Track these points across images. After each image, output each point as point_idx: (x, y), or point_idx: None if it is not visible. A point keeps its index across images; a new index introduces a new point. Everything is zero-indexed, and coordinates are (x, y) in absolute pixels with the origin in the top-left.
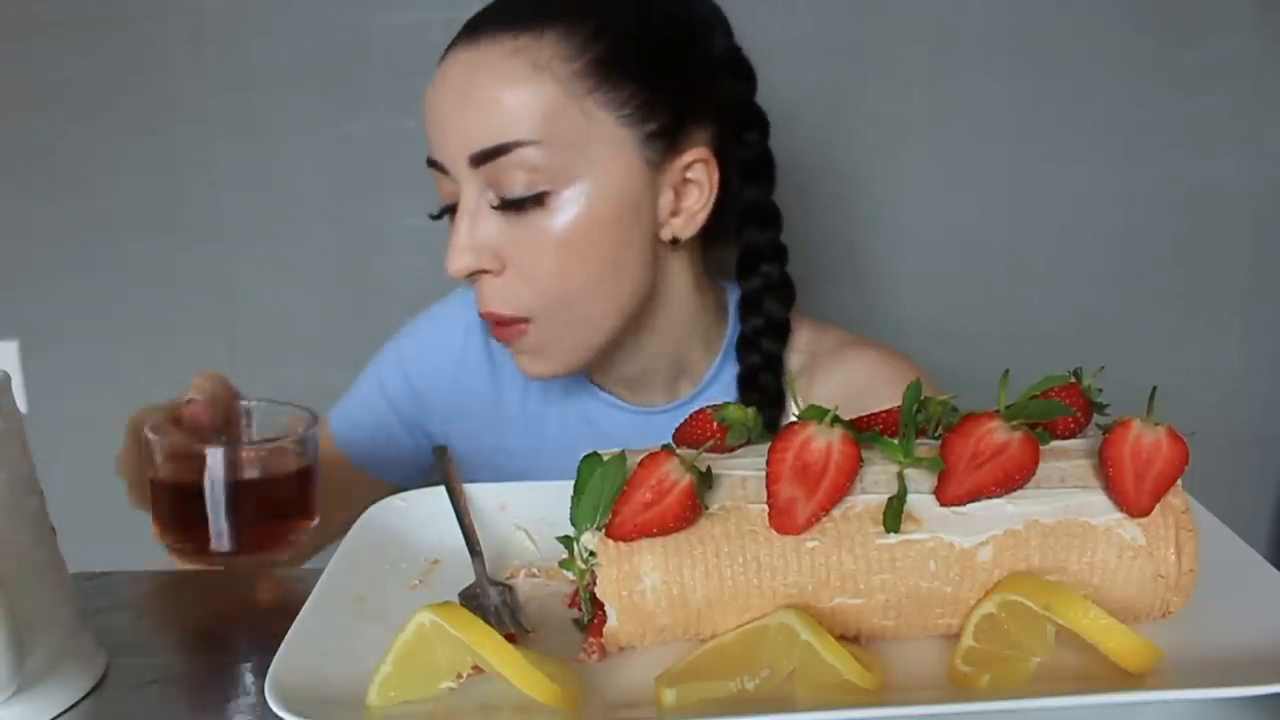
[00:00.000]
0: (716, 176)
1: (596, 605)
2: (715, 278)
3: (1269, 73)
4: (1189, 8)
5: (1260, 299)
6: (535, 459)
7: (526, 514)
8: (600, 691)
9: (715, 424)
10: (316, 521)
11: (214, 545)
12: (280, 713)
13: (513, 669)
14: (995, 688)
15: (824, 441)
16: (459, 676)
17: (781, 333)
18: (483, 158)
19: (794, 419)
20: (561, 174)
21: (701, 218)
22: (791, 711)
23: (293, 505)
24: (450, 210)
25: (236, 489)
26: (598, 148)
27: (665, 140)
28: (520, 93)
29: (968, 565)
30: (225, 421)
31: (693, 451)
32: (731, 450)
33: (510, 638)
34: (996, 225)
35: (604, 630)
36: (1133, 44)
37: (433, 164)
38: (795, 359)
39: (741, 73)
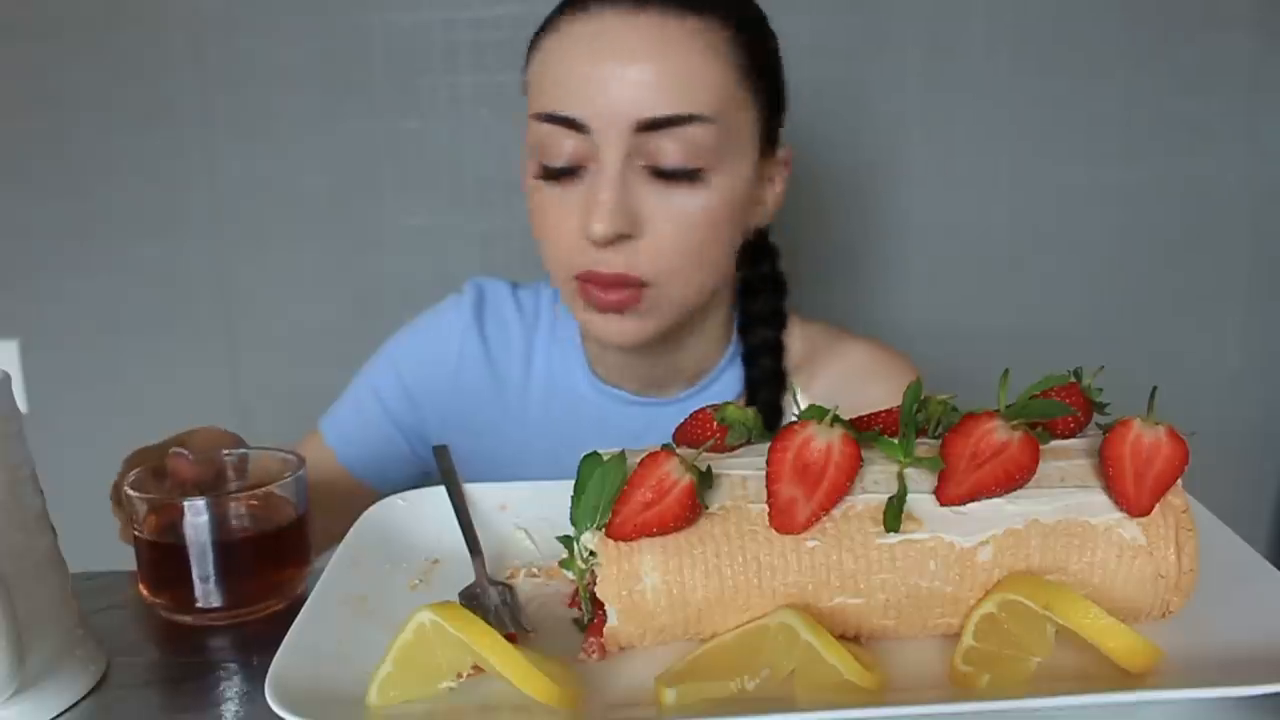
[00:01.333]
0: (788, 175)
1: (596, 605)
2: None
3: (1267, 71)
4: (1187, 6)
5: (1260, 298)
6: (539, 459)
7: (526, 514)
8: (600, 691)
9: (715, 424)
10: (310, 569)
11: (201, 602)
12: (280, 713)
13: (513, 669)
14: (995, 688)
15: (824, 441)
16: (459, 676)
17: (778, 321)
18: (653, 125)
19: (794, 419)
20: (719, 155)
21: (773, 213)
22: (791, 711)
23: (284, 553)
24: (566, 172)
25: (221, 540)
26: (745, 137)
27: (772, 136)
28: (704, 70)
29: (968, 565)
30: (215, 476)
31: (693, 451)
32: (731, 450)
33: (510, 638)
34: (996, 224)
35: (604, 630)
36: (1131, 42)
37: (559, 119)
38: (795, 352)
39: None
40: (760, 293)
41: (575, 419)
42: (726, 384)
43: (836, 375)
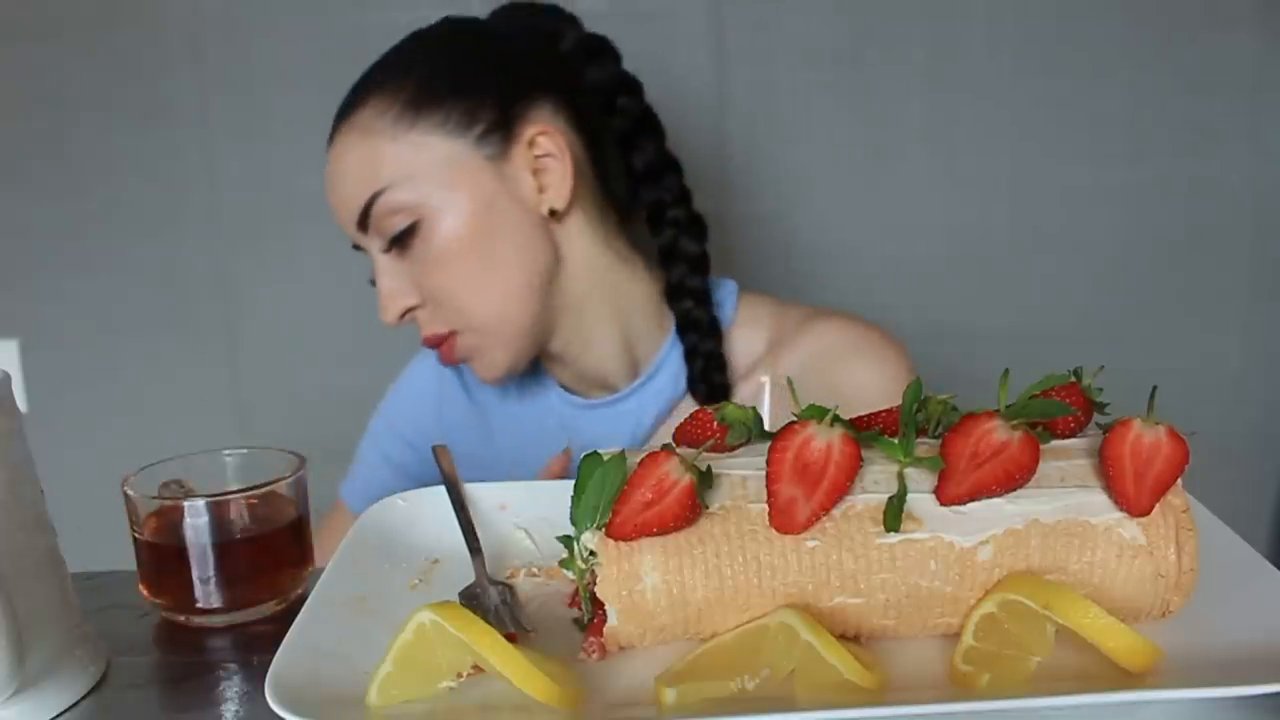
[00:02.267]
0: (565, 143)
1: (596, 605)
2: (650, 262)
3: (1270, 72)
4: (1190, 7)
5: (1261, 298)
6: (515, 470)
7: (526, 514)
8: (600, 691)
9: (715, 424)
10: (310, 569)
11: (202, 602)
12: (280, 713)
13: (513, 669)
14: (995, 687)
15: (824, 441)
16: (459, 676)
17: (702, 267)
18: (361, 218)
19: (794, 418)
20: (421, 202)
21: (569, 183)
22: (791, 711)
23: (284, 553)
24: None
25: (222, 541)
26: (439, 168)
27: (498, 134)
28: (360, 157)
29: (968, 565)
30: None
31: (693, 451)
32: (731, 450)
33: (510, 638)
34: (997, 224)
35: (604, 630)
36: (1133, 43)
37: (354, 246)
38: (761, 337)
39: (598, 54)
40: (677, 244)
41: (548, 424)
42: (670, 371)
43: (808, 354)
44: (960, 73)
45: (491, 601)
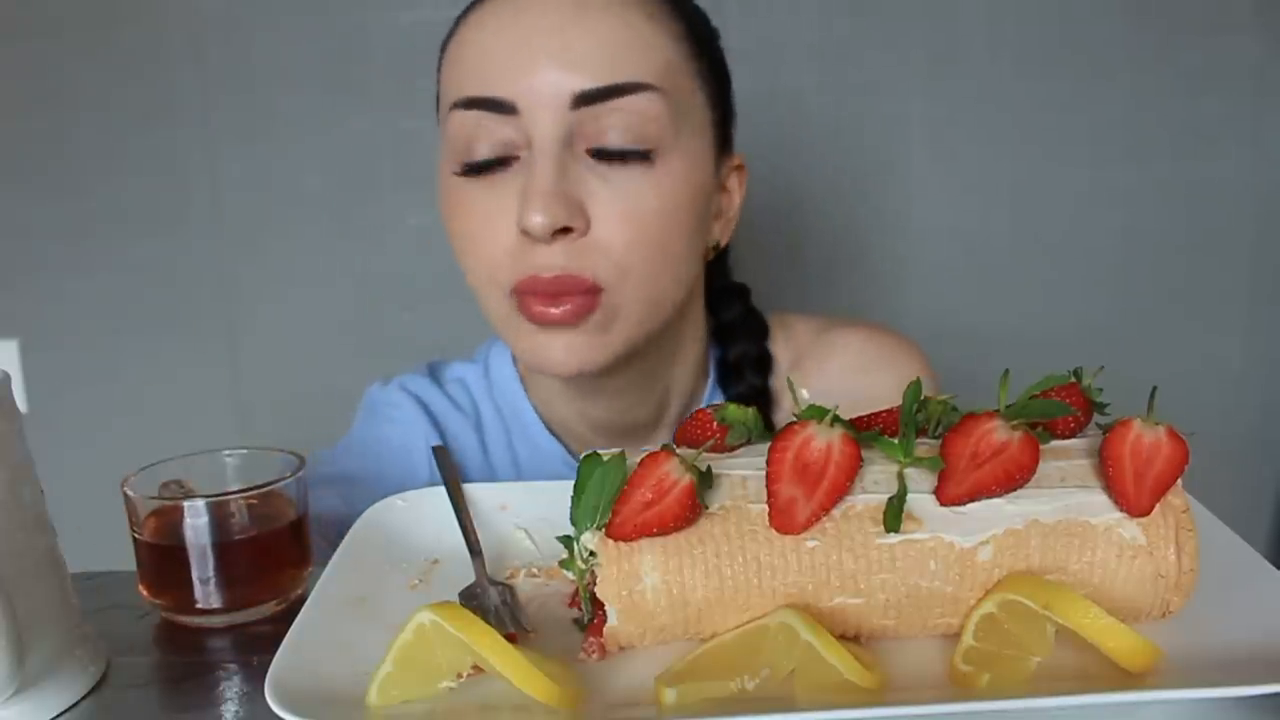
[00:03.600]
0: (744, 189)
1: (596, 605)
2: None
3: (1270, 74)
4: (1190, 9)
5: (1261, 299)
6: None
7: (526, 514)
8: (600, 691)
9: (715, 424)
10: (310, 569)
11: (202, 603)
12: (280, 713)
13: (513, 669)
14: (995, 688)
15: (824, 441)
16: (459, 676)
17: (764, 362)
18: (593, 97)
19: (794, 418)
20: (671, 133)
21: (733, 226)
22: (791, 711)
23: (284, 553)
24: (493, 165)
25: (221, 541)
26: (695, 120)
27: (723, 134)
28: (647, 36)
29: (968, 565)
30: None
31: (693, 451)
32: (731, 450)
33: (510, 638)
34: (998, 225)
35: (604, 630)
36: (1134, 45)
37: (481, 103)
38: (784, 355)
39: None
40: (737, 337)
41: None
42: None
43: (834, 371)
44: (961, 75)
45: (491, 601)
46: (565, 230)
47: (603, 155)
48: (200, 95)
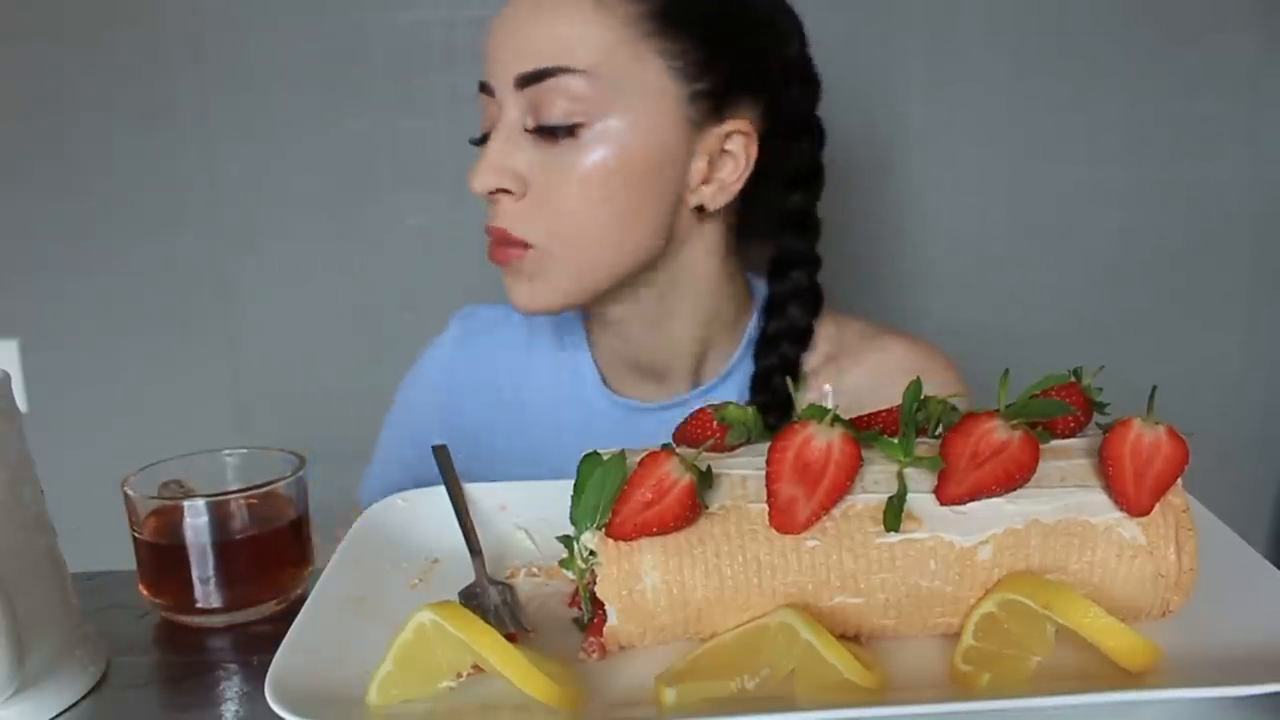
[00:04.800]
0: (753, 153)
1: (596, 605)
2: (745, 271)
3: (1268, 73)
4: (1188, 8)
5: (1260, 299)
6: (550, 475)
7: (526, 514)
8: (600, 691)
9: (715, 423)
10: (310, 569)
11: (201, 602)
12: (280, 713)
13: (513, 669)
14: (995, 687)
15: (824, 441)
16: (459, 676)
17: (802, 338)
18: (528, 79)
19: (794, 418)
20: (600, 109)
21: (733, 190)
22: (791, 711)
23: (284, 553)
24: (485, 138)
25: (221, 541)
26: (642, 92)
27: (710, 103)
28: (578, 22)
29: (968, 564)
30: None
31: (693, 451)
32: (731, 450)
33: (510, 637)
34: (996, 225)
35: (604, 630)
36: (1132, 44)
37: (483, 88)
38: (820, 350)
39: (808, 79)
40: (782, 310)
41: (586, 430)
42: (737, 384)
43: (869, 371)
44: (960, 73)
45: (491, 601)
46: (506, 192)
47: (540, 131)
48: (199, 95)
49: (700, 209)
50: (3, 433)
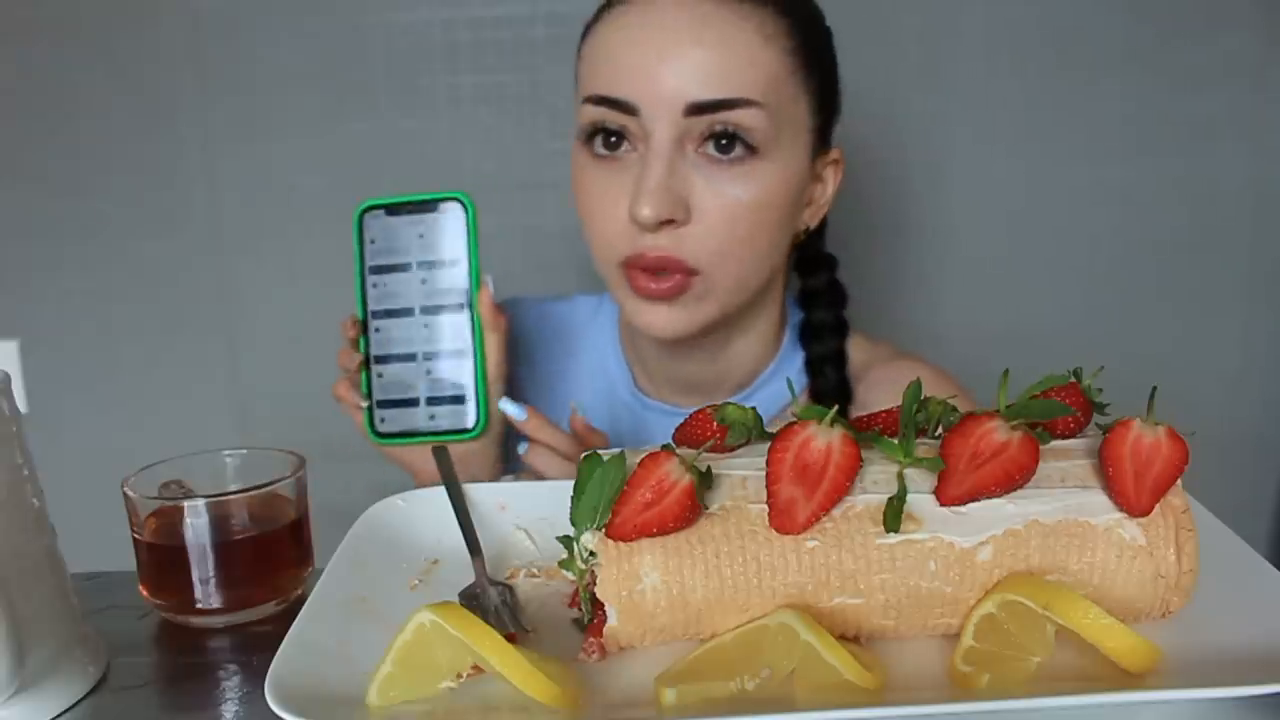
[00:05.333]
0: (840, 176)
1: (596, 605)
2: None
3: (1270, 70)
4: (1190, 5)
5: (1261, 298)
6: None
7: (526, 514)
8: (600, 691)
9: (715, 424)
10: (310, 569)
11: (202, 603)
12: (280, 713)
13: (513, 669)
14: (995, 688)
15: (824, 441)
16: (459, 676)
17: (840, 328)
18: (704, 108)
19: (793, 419)
20: (770, 141)
21: (822, 214)
22: (791, 711)
23: (284, 553)
24: (615, 150)
25: (221, 541)
26: (794, 126)
27: (822, 135)
28: (756, 55)
29: (968, 565)
30: None
31: (693, 451)
32: (731, 450)
33: (510, 638)
34: (996, 224)
35: (604, 630)
36: (1134, 41)
37: (610, 102)
38: (851, 365)
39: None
40: (821, 302)
41: (614, 429)
42: (771, 394)
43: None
44: (959, 72)
45: (491, 602)
46: (669, 221)
47: (708, 158)
48: (199, 95)
49: (805, 230)
50: (3, 433)
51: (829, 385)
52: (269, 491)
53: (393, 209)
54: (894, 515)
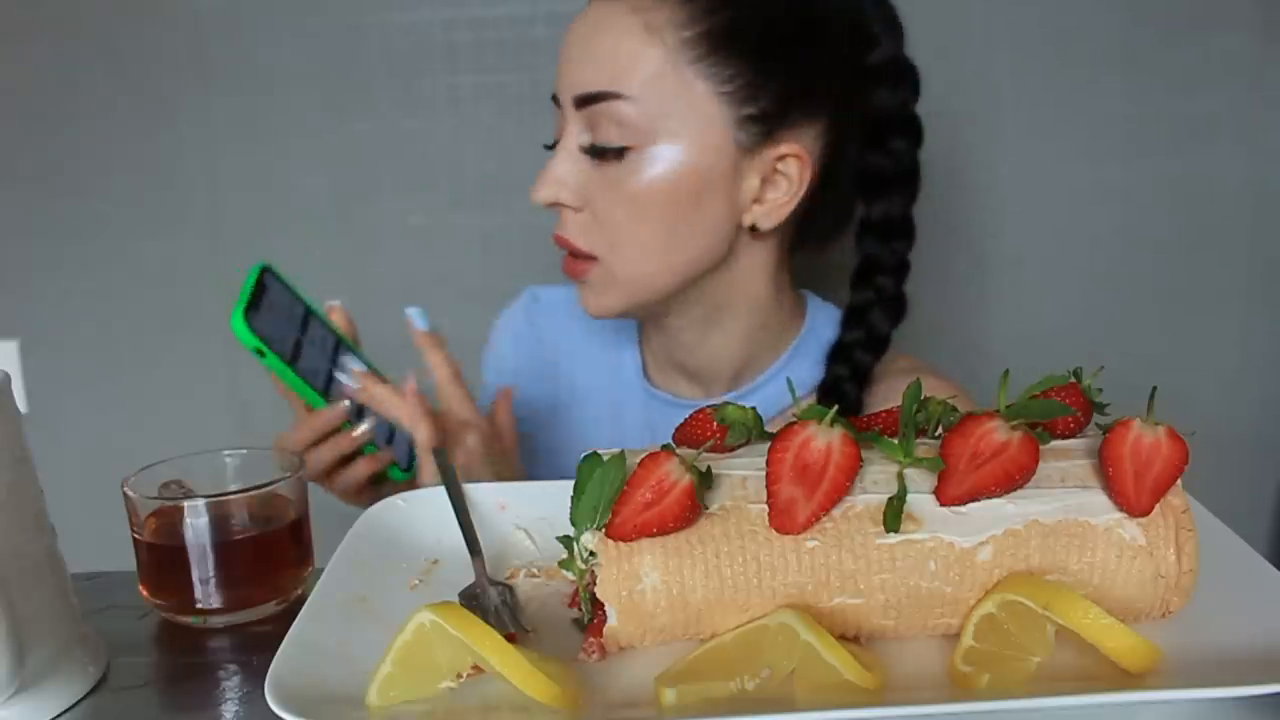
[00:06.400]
0: (807, 176)
1: (596, 605)
2: (795, 284)
3: (1269, 71)
4: (1189, 5)
5: (1259, 298)
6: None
7: (526, 514)
8: (600, 691)
9: (715, 424)
10: (310, 569)
11: (202, 603)
12: (280, 713)
13: (513, 669)
14: (995, 688)
15: (824, 441)
16: (459, 676)
17: (879, 347)
18: (584, 101)
19: (793, 419)
20: (648, 134)
21: (784, 213)
22: (791, 711)
23: (284, 553)
24: (554, 146)
25: (221, 541)
26: (690, 117)
27: (762, 126)
28: (628, 49)
29: (967, 565)
30: None
31: (693, 451)
32: (731, 450)
33: (510, 638)
34: (995, 223)
35: (604, 630)
36: (1132, 41)
37: (553, 98)
38: (876, 371)
39: (900, 81)
40: (860, 320)
41: (619, 416)
42: (775, 390)
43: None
44: (958, 72)
45: (491, 602)
46: (564, 207)
47: (593, 151)
48: (199, 95)
49: (753, 228)
50: (3, 433)
51: (843, 403)
52: (269, 491)
53: (251, 305)
54: (894, 515)
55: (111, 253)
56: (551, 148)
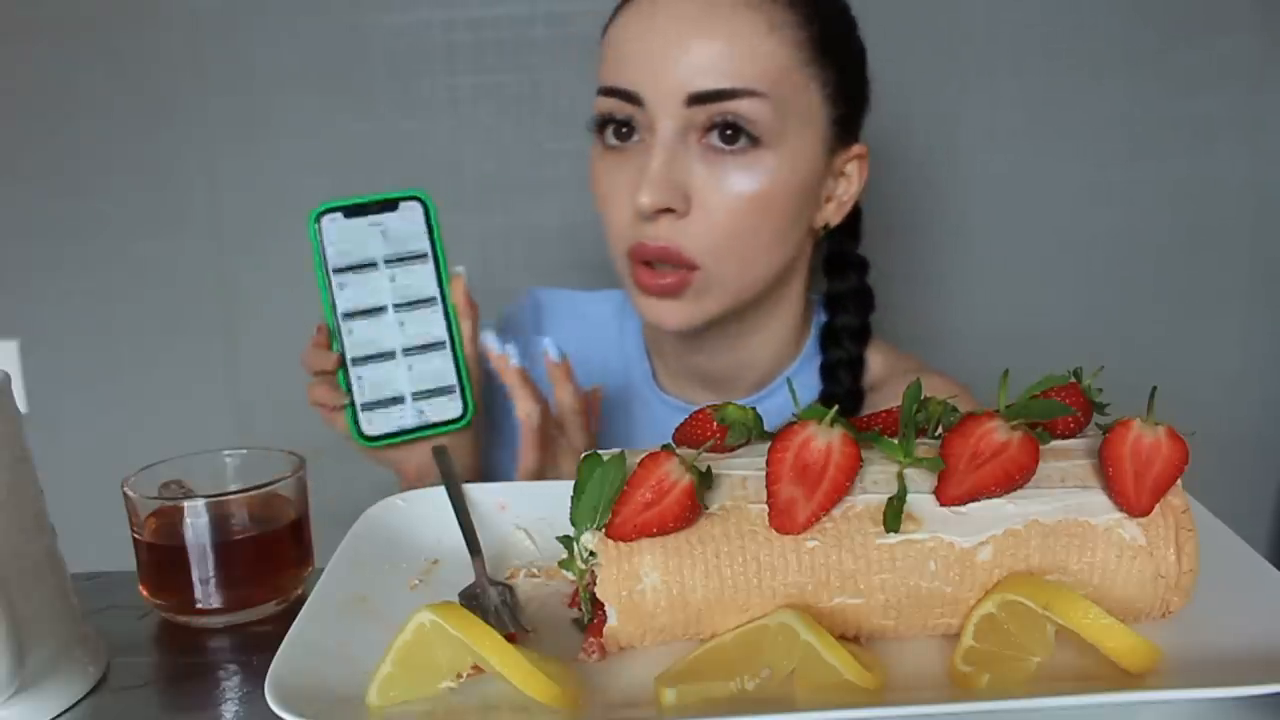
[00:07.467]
0: (866, 172)
1: (596, 605)
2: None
3: (1270, 72)
4: (1190, 7)
5: (1261, 298)
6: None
7: (526, 514)
8: (600, 691)
9: (715, 424)
10: (310, 569)
11: (202, 603)
12: (280, 713)
13: (513, 669)
14: (995, 688)
15: (824, 441)
16: (459, 676)
17: (860, 335)
18: (705, 98)
19: (793, 419)
20: (773, 132)
21: (846, 210)
22: (791, 711)
23: (284, 553)
24: (612, 124)
25: (221, 541)
26: (803, 118)
27: (843, 128)
28: (760, 45)
29: (967, 565)
30: None
31: (693, 451)
32: (731, 450)
33: (510, 638)
34: (996, 224)
35: (604, 630)
36: (1134, 43)
37: (616, 92)
38: (873, 373)
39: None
40: (845, 306)
41: (630, 425)
42: (783, 395)
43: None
44: (958, 72)
45: (491, 602)
46: (670, 210)
47: (710, 148)
48: (199, 96)
49: (825, 227)
50: (3, 433)
51: (841, 390)
52: (269, 491)
53: (350, 211)
54: (894, 515)
55: (111, 253)
56: (614, 146)
